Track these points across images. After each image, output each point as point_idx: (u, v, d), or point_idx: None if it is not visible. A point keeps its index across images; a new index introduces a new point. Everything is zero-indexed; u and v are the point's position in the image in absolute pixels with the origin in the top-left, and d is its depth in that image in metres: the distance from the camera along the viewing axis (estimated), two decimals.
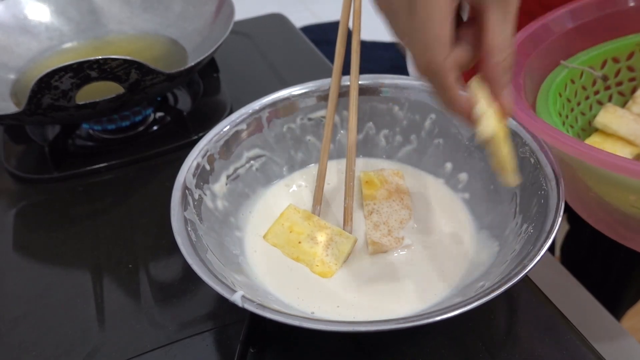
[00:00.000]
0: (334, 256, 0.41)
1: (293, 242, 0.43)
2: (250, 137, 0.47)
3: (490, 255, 0.40)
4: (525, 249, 0.35)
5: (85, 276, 0.46)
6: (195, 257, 0.35)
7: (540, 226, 0.36)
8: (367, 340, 0.39)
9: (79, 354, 0.40)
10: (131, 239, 0.49)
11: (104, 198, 0.54)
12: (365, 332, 0.32)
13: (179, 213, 0.39)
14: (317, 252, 0.42)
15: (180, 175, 0.41)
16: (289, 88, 0.48)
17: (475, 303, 0.31)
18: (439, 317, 0.31)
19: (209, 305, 0.42)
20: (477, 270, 0.39)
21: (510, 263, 0.36)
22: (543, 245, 0.34)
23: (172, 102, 0.65)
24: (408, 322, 0.31)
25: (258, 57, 0.74)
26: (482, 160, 0.45)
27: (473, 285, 0.37)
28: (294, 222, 0.43)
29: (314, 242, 0.42)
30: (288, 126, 0.49)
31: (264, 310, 0.32)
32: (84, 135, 0.61)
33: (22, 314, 0.43)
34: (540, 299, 0.41)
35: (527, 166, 0.41)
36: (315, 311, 0.38)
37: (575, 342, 0.38)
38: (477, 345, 0.38)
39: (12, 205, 0.54)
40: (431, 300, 0.38)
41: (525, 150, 0.41)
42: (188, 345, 0.40)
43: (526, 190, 0.40)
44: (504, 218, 0.41)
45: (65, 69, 0.46)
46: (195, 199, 0.41)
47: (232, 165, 0.46)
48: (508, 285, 0.32)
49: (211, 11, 0.66)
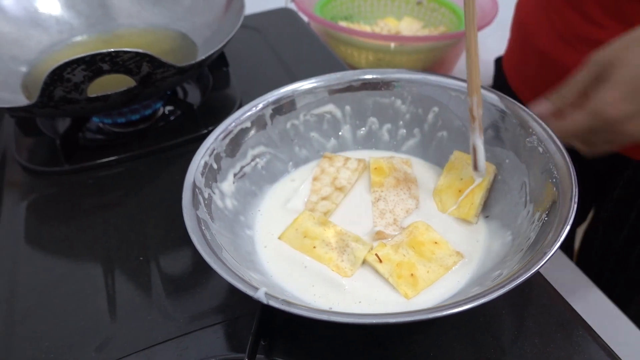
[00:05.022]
0: (349, 262, 0.41)
1: (307, 247, 0.42)
2: (254, 134, 0.47)
3: (504, 244, 0.40)
4: (542, 236, 0.35)
5: (97, 268, 0.46)
6: (213, 256, 0.35)
7: (556, 213, 0.36)
8: (379, 332, 0.39)
9: (90, 345, 0.40)
10: (142, 231, 0.49)
11: (114, 191, 0.54)
12: (395, 323, 0.31)
13: (191, 212, 0.38)
14: (332, 257, 0.41)
15: (189, 174, 0.41)
16: (291, 84, 0.48)
17: (500, 290, 0.31)
18: (468, 306, 0.31)
19: (219, 297, 0.43)
20: (491, 260, 0.39)
21: (527, 251, 0.35)
22: (562, 231, 0.34)
23: (182, 95, 0.65)
24: (435, 311, 0.31)
25: (267, 51, 0.74)
26: (487, 151, 0.45)
27: (489, 274, 0.37)
28: (308, 228, 0.42)
29: (329, 247, 0.41)
30: (292, 123, 0.49)
31: (289, 306, 0.32)
32: (94, 129, 0.61)
33: (34, 305, 0.43)
34: (552, 295, 0.41)
35: (536, 155, 0.40)
36: (333, 307, 0.38)
37: (587, 338, 0.37)
38: (487, 339, 0.38)
39: (24, 197, 0.54)
40: (449, 291, 0.38)
41: (532, 139, 0.41)
42: (199, 337, 0.40)
43: (536, 179, 0.40)
44: (515, 207, 0.41)
45: (77, 62, 0.46)
46: (206, 198, 0.41)
47: (239, 163, 0.46)
48: (531, 271, 0.32)
49: (221, 5, 0.66)
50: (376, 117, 0.50)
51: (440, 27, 1.07)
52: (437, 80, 0.47)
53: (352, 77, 0.49)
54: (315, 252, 0.41)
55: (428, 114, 0.48)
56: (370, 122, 0.50)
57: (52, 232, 0.50)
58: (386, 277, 0.39)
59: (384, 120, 0.50)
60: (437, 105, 0.47)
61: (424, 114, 0.48)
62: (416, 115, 0.48)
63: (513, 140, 0.43)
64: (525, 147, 0.42)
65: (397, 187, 0.45)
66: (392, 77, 0.48)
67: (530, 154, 0.41)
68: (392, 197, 0.45)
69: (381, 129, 0.50)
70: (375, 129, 0.50)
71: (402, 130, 0.49)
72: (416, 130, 0.49)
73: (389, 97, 0.49)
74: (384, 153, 0.50)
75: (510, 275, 0.33)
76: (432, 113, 0.48)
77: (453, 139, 0.47)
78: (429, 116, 0.48)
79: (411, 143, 0.49)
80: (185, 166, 0.42)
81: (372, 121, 0.50)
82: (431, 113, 0.48)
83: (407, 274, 0.39)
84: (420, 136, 0.49)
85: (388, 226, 0.43)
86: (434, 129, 0.48)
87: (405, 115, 0.49)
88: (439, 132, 0.48)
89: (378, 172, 0.46)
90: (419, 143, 0.49)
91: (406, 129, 0.49)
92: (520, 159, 0.42)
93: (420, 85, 0.47)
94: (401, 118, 0.49)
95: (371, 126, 0.50)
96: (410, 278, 0.39)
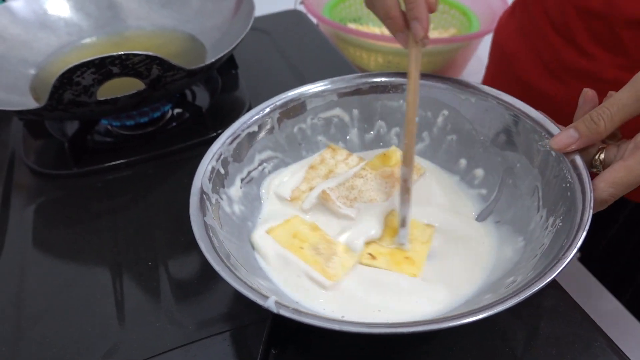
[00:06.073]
0: (334, 269, 0.40)
1: (295, 247, 0.41)
2: (261, 139, 0.46)
3: (516, 250, 0.39)
4: (557, 242, 0.34)
5: (105, 272, 0.46)
6: (222, 264, 0.34)
7: (571, 219, 0.35)
8: (389, 340, 0.38)
9: (98, 351, 0.40)
10: (150, 235, 0.49)
11: (123, 194, 0.54)
12: (405, 333, 0.30)
13: (199, 218, 0.38)
14: (318, 261, 0.40)
15: (196, 180, 0.41)
16: (298, 88, 0.48)
17: (515, 299, 0.30)
18: (482, 315, 0.30)
19: (228, 304, 0.42)
20: (503, 266, 0.38)
21: (542, 257, 0.35)
22: (576, 237, 0.33)
23: (191, 98, 0.65)
24: (448, 321, 0.30)
25: (276, 54, 0.74)
26: (497, 155, 0.44)
27: (502, 281, 0.36)
28: (298, 231, 0.42)
29: (316, 252, 0.41)
30: (299, 127, 0.48)
31: (300, 315, 0.31)
32: (103, 131, 0.61)
33: (42, 310, 0.43)
34: (568, 304, 0.40)
35: (549, 159, 0.40)
36: (345, 315, 0.37)
37: (607, 349, 0.37)
38: (503, 349, 0.37)
39: (32, 200, 0.54)
40: (460, 299, 0.38)
41: (545, 143, 0.40)
42: (208, 345, 0.39)
43: (549, 184, 0.39)
44: (527, 212, 0.41)
45: (87, 65, 0.46)
46: (213, 203, 0.40)
47: (246, 168, 0.45)
48: (548, 279, 0.31)
49: (230, 7, 0.66)
50: (384, 121, 0.49)
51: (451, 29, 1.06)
52: (447, 84, 0.46)
53: (361, 80, 0.48)
54: (303, 252, 0.41)
55: (437, 118, 0.48)
56: (379, 126, 0.50)
57: (60, 236, 0.50)
58: (387, 268, 0.40)
59: (393, 124, 0.49)
60: (447, 108, 0.47)
61: (433, 118, 0.48)
62: (425, 119, 0.48)
63: (526, 144, 0.42)
64: (538, 152, 0.41)
65: (384, 179, 0.45)
66: (401, 81, 0.48)
67: (543, 158, 0.40)
68: (371, 184, 0.45)
69: (389, 133, 0.50)
70: (383, 132, 0.50)
71: None
72: (425, 134, 0.48)
73: (398, 101, 0.48)
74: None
75: (525, 282, 0.32)
76: (442, 116, 0.47)
77: (463, 143, 0.47)
78: (438, 120, 0.48)
79: (420, 147, 0.49)
80: (194, 169, 0.41)
81: (380, 125, 0.49)
82: (440, 116, 0.47)
83: (402, 259, 0.41)
84: (429, 140, 0.48)
85: (342, 198, 0.43)
86: (444, 133, 0.48)
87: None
88: (448, 135, 0.47)
89: (383, 158, 0.46)
90: (428, 147, 0.49)
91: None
92: (533, 163, 0.42)
93: (429, 88, 0.46)
94: (405, 114, 0.48)
95: (379, 130, 0.50)
96: (407, 260, 0.40)
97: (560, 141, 0.38)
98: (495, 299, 0.31)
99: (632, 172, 0.35)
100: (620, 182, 0.35)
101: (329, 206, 0.44)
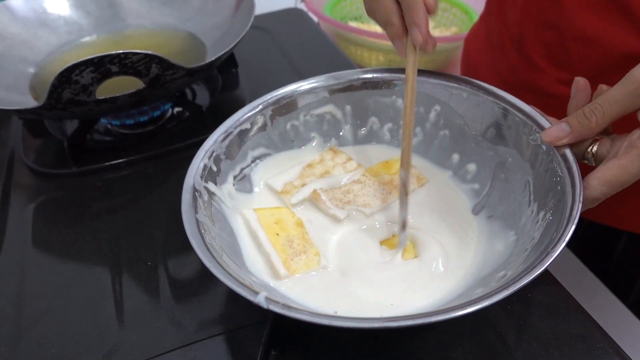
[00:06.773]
0: (297, 265, 0.40)
1: (271, 231, 0.42)
2: (254, 136, 0.46)
3: (507, 245, 0.39)
4: (547, 236, 0.34)
5: (105, 272, 0.46)
6: (213, 260, 0.34)
7: (560, 213, 0.35)
8: (384, 335, 0.39)
9: (98, 351, 0.40)
10: (150, 235, 0.48)
11: (122, 194, 0.54)
12: (396, 327, 0.31)
13: (191, 216, 0.38)
14: (286, 252, 0.40)
15: (188, 177, 0.41)
16: (290, 85, 0.48)
17: (505, 292, 0.30)
18: (473, 308, 0.30)
19: (228, 305, 0.42)
20: (494, 261, 0.39)
21: (532, 251, 0.35)
22: (565, 231, 0.33)
23: (191, 97, 0.65)
24: (439, 314, 0.30)
25: (277, 52, 0.73)
26: (489, 150, 0.44)
27: (493, 275, 0.36)
28: (283, 220, 0.43)
29: (289, 245, 0.41)
30: (292, 123, 0.48)
31: (290, 310, 0.31)
32: (102, 130, 0.61)
33: (41, 310, 0.43)
34: (571, 305, 0.40)
35: (539, 153, 0.40)
36: (338, 311, 0.37)
37: (609, 351, 0.36)
38: (492, 337, 0.37)
39: (31, 200, 0.54)
40: (452, 293, 0.38)
41: (536, 137, 0.40)
42: (208, 346, 0.39)
43: (539, 177, 0.39)
44: (518, 207, 0.41)
45: (86, 64, 0.46)
46: (205, 200, 0.40)
47: (238, 165, 0.46)
48: (537, 272, 0.31)
49: (231, 6, 0.66)
50: (377, 117, 0.49)
51: (452, 27, 1.06)
52: (439, 79, 0.46)
53: (353, 77, 0.48)
54: (276, 238, 0.41)
55: (430, 113, 0.47)
56: (372, 122, 0.50)
57: (59, 236, 0.50)
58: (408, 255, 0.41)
59: (385, 120, 0.49)
60: (439, 103, 0.47)
61: (425, 113, 0.47)
62: (417, 114, 0.48)
63: (516, 138, 0.42)
64: (529, 145, 0.41)
65: (382, 185, 0.45)
66: (393, 76, 0.47)
67: (534, 152, 0.40)
68: (368, 189, 0.45)
69: (382, 129, 0.50)
70: (376, 128, 0.50)
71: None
72: (418, 130, 0.48)
73: (390, 96, 0.48)
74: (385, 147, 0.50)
75: (515, 276, 0.32)
76: (434, 112, 0.47)
77: (455, 138, 0.47)
78: (430, 115, 0.47)
79: (413, 143, 0.48)
80: None
81: (373, 121, 0.49)
82: (433, 112, 0.47)
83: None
84: (422, 135, 0.48)
85: (334, 199, 0.44)
86: (436, 128, 0.48)
87: None
88: (440, 131, 0.47)
89: (385, 166, 0.46)
90: (421, 142, 0.49)
91: None
92: (524, 157, 0.42)
93: (422, 83, 0.46)
94: (402, 117, 0.48)
95: (372, 126, 0.50)
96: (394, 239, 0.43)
97: (551, 134, 0.38)
98: (486, 292, 0.31)
99: (626, 171, 0.35)
100: (613, 181, 0.35)
101: (318, 205, 0.44)
